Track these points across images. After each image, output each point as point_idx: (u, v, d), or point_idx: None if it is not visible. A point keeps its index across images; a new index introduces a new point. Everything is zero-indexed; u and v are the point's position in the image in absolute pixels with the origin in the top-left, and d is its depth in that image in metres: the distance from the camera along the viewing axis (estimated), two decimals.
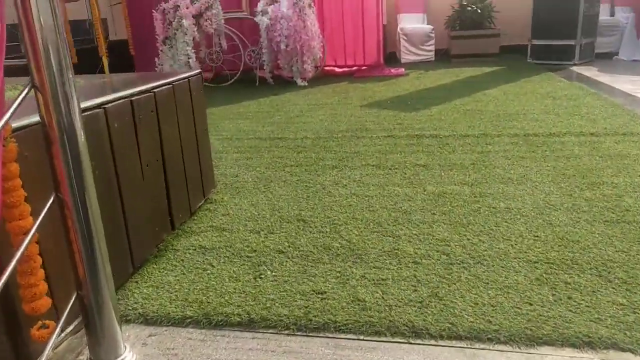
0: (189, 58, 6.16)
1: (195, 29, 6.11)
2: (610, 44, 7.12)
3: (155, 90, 1.87)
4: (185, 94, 2.16)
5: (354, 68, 6.84)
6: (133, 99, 1.71)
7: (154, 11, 6.13)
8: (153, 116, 1.85)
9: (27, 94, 1.12)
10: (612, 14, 7.39)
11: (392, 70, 6.65)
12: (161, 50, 6.21)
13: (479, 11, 7.25)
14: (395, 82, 5.97)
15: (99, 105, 1.55)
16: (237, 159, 3.17)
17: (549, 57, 6.77)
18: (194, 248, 1.98)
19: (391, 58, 8.00)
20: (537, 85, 5.14)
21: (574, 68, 6.34)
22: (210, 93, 5.95)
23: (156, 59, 6.31)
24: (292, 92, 5.64)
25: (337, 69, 6.89)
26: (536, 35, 6.87)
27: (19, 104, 1.08)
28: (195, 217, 2.26)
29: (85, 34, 7.99)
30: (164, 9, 6.10)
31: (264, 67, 6.24)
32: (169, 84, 2.00)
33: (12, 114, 1.07)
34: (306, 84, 6.09)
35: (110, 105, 1.59)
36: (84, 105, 1.48)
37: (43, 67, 1.11)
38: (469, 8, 7.28)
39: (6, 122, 1.05)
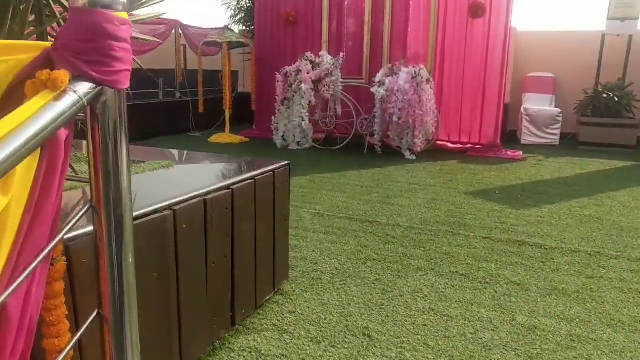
0: (302, 120, 6.35)
1: (313, 93, 6.31)
2: None
3: (234, 186, 1.88)
4: (268, 187, 2.15)
5: (468, 146, 6.57)
6: (208, 197, 1.72)
7: (277, 73, 6.44)
8: (227, 214, 1.84)
9: (84, 213, 1.14)
10: None
11: (509, 153, 6.29)
12: (278, 110, 6.48)
13: (617, 99, 6.67)
14: (509, 167, 5.62)
15: (169, 207, 1.56)
16: (322, 242, 3.10)
17: None
18: (249, 350, 1.91)
19: (511, 137, 7.62)
20: None
21: None
22: (319, 156, 6.05)
23: (273, 117, 6.59)
24: (397, 166, 5.53)
25: (450, 145, 6.67)
26: None
27: (74, 224, 1.11)
28: (261, 312, 2.20)
29: (217, 84, 8.63)
30: (287, 71, 6.39)
31: (374, 136, 6.23)
32: (251, 178, 2.00)
33: (65, 233, 1.09)
34: (414, 157, 5.96)
35: (180, 206, 1.60)
36: (153, 207, 1.50)
37: (101, 189, 1.13)
38: (605, 95, 6.72)
39: (58, 243, 1.07)
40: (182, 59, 7.83)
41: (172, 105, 7.54)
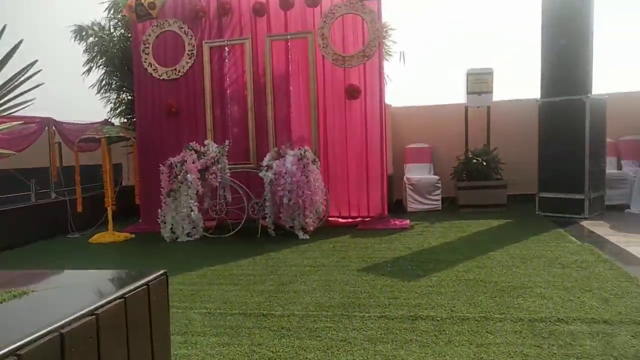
0: (191, 211, 6.17)
1: (200, 183, 6.20)
2: (621, 196, 7.00)
3: (98, 311, 1.70)
4: (142, 304, 1.98)
5: (358, 219, 6.75)
6: (65, 331, 1.53)
7: (161, 165, 6.28)
8: (92, 344, 1.65)
9: None
10: (620, 168, 7.39)
11: (397, 222, 6.54)
12: (164, 203, 6.25)
13: (485, 163, 7.30)
14: (398, 236, 5.82)
15: (12, 352, 1.36)
16: (213, 346, 2.91)
17: (558, 209, 6.63)
18: None
19: (398, 206, 7.97)
20: (545, 247, 4.92)
21: (585, 223, 6.16)
22: (210, 246, 5.86)
23: (159, 210, 6.34)
24: (292, 248, 5.49)
25: (340, 220, 6.81)
26: (544, 187, 6.81)
27: None
28: None
29: (99, 179, 8.18)
30: (172, 163, 6.25)
31: (267, 219, 6.19)
32: (120, 297, 1.83)
33: None
34: (307, 237, 5.98)
35: (28, 349, 1.40)
36: None
37: None
38: (475, 160, 7.34)
39: None
40: (57, 157, 7.38)
41: (46, 207, 6.99)
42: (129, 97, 8.47)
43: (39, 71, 1.95)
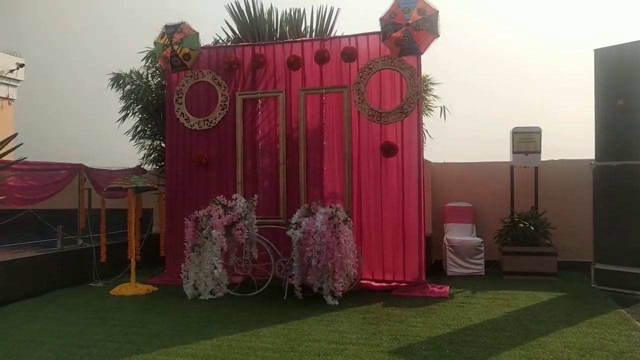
0: (215, 268, 5.85)
1: (225, 239, 5.90)
2: None
3: None
4: None
5: (393, 284, 6.25)
6: None
7: (186, 219, 6.03)
8: None
9: None
10: None
11: (435, 290, 6.01)
12: (188, 258, 5.96)
13: (533, 228, 6.73)
14: (436, 308, 5.29)
15: None
16: None
17: (617, 284, 5.97)
18: None
19: (437, 267, 7.42)
20: (606, 334, 4.30)
21: None
22: (232, 307, 5.48)
23: (182, 265, 6.04)
24: (318, 317, 5.03)
25: (374, 283, 6.32)
26: (600, 258, 6.17)
27: None
28: None
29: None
30: (197, 216, 6.00)
31: (293, 282, 5.79)
32: None
33: None
34: (336, 302, 5.52)
35: None
36: None
37: None
38: (522, 224, 6.78)
39: None
40: (85, 204, 7.26)
41: (72, 254, 6.81)
42: (162, 145, 8.39)
43: None
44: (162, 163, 8.29)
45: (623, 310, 5.11)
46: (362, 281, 6.26)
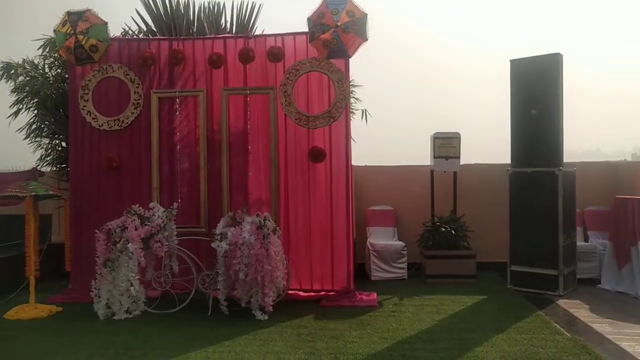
0: (131, 285, 5.32)
1: (143, 253, 5.39)
2: (590, 269, 6.77)
3: None
4: None
5: (321, 293, 6.10)
6: None
7: (97, 231, 5.43)
8: None
9: None
10: (587, 239, 7.21)
11: (363, 297, 5.95)
12: (99, 274, 5.37)
13: (453, 232, 6.90)
14: (368, 319, 5.21)
15: None
16: None
17: (531, 284, 6.28)
18: None
19: (360, 271, 7.38)
20: (534, 341, 4.44)
21: (561, 302, 5.80)
22: (153, 325, 5.04)
23: (93, 282, 5.44)
24: (249, 335, 4.73)
25: (301, 293, 6.12)
26: (515, 260, 6.46)
27: None
28: None
29: (23, 235, 7.08)
30: (110, 228, 5.42)
31: (219, 295, 5.42)
32: None
33: None
34: (266, 317, 5.25)
35: None
36: None
37: None
38: (443, 228, 6.93)
39: None
40: None
41: None
42: (63, 145, 7.55)
43: None
44: (64, 165, 7.47)
45: (541, 313, 5.36)
46: (289, 291, 6.03)
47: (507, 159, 6.76)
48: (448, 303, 5.79)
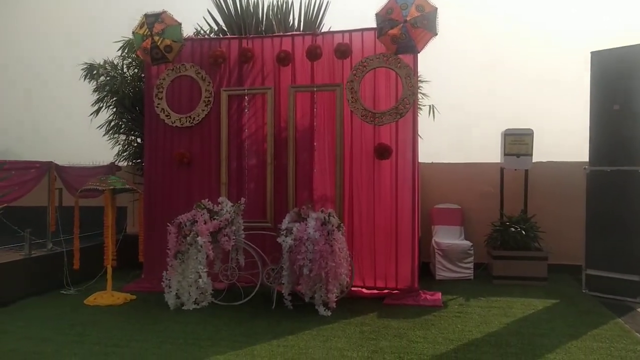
0: (199, 277, 5.52)
1: (211, 246, 5.57)
2: None
3: None
4: None
5: (385, 291, 6.05)
6: None
7: (169, 224, 5.66)
8: None
9: None
10: None
11: (428, 297, 5.85)
12: (170, 265, 5.60)
13: (524, 232, 6.63)
14: (433, 319, 5.11)
15: None
16: None
17: (608, 290, 5.93)
18: None
19: (425, 270, 7.25)
20: (612, 350, 4.20)
21: None
22: (219, 319, 5.17)
23: (164, 273, 5.69)
24: (312, 330, 4.78)
25: (364, 290, 6.11)
26: (591, 264, 6.11)
27: None
28: None
29: (102, 226, 7.49)
30: (180, 222, 5.64)
31: (283, 290, 5.51)
32: None
33: None
34: (329, 313, 5.28)
35: None
36: None
37: None
38: (513, 228, 6.68)
39: None
40: (55, 203, 6.77)
41: (41, 260, 6.34)
42: (139, 141, 7.93)
43: None
44: (139, 160, 7.86)
45: (620, 320, 5.05)
46: (352, 288, 6.03)
47: (581, 157, 6.40)
48: (517, 306, 5.58)
